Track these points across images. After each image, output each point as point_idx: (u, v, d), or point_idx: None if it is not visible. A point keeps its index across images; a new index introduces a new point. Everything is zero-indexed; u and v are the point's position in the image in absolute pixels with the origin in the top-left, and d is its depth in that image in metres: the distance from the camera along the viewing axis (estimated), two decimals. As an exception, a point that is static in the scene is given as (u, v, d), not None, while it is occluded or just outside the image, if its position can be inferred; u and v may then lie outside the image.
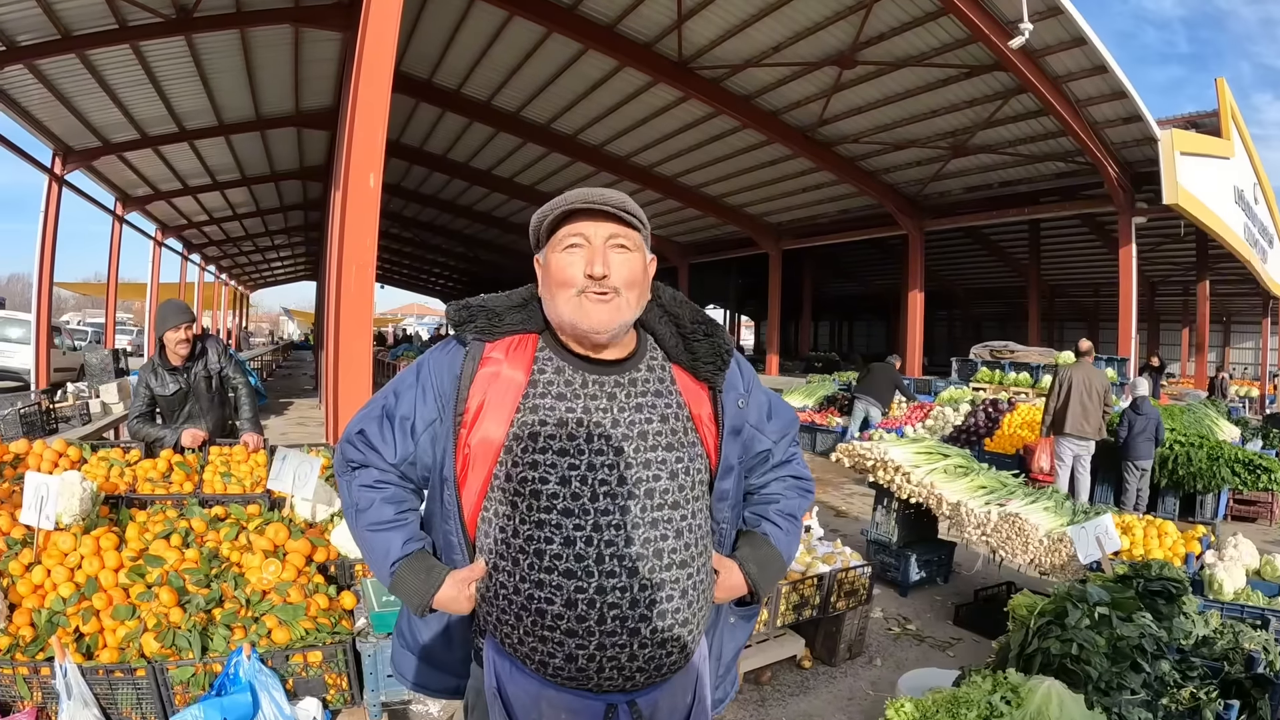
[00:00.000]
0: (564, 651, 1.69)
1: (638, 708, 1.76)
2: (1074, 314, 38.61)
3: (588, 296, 1.73)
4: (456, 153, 23.89)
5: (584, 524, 1.69)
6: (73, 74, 13.31)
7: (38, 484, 3.74)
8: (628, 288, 1.76)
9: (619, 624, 1.69)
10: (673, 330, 1.93)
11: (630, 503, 1.72)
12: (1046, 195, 19.38)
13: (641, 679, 1.74)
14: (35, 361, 15.80)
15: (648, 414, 1.80)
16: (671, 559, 1.75)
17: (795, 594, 4.91)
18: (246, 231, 32.12)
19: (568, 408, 1.76)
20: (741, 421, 1.96)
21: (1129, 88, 13.74)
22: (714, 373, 1.90)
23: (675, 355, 1.91)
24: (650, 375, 1.86)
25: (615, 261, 1.74)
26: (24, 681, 3.19)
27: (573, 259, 1.74)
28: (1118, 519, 6.05)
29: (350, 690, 3.52)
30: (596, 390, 1.79)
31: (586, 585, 1.68)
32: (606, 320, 1.74)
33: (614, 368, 1.83)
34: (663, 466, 1.77)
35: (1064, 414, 9.19)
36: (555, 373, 1.80)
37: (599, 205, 1.72)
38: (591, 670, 1.70)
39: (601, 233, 1.74)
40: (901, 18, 13.54)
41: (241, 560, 4.07)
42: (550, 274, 1.78)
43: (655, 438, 1.78)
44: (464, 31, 16.04)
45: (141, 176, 20.09)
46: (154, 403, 5.62)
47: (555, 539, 1.69)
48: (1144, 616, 3.40)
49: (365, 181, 6.03)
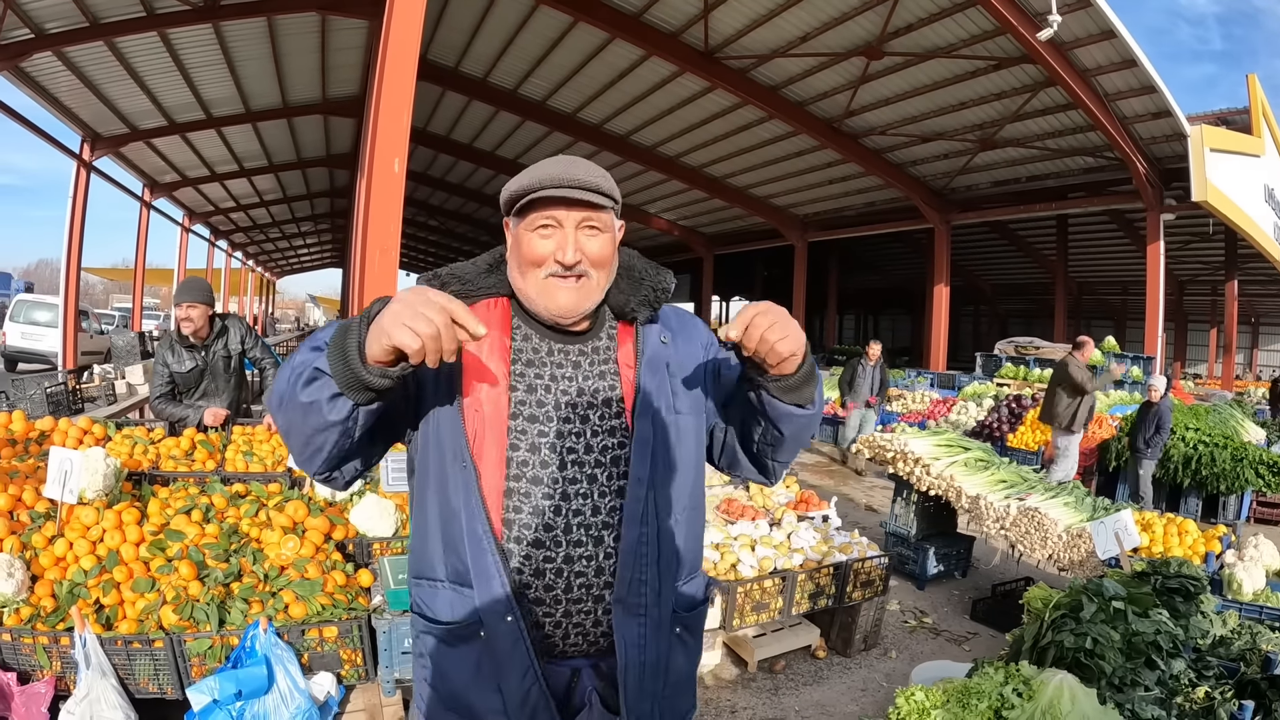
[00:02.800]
0: (531, 619, 1.68)
1: (602, 669, 1.75)
2: (1101, 312, 38.25)
3: (556, 279, 1.72)
4: (483, 141, 23.92)
5: (552, 493, 1.69)
6: (101, 61, 13.41)
7: (62, 459, 3.77)
8: (597, 268, 1.74)
9: (585, 592, 1.70)
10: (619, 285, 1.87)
11: (597, 470, 1.73)
12: (1074, 190, 19.22)
13: (605, 644, 1.74)
14: (63, 344, 15.96)
15: (610, 381, 1.80)
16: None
17: (811, 583, 4.91)
18: (273, 218, 32.29)
19: (535, 374, 1.76)
20: (666, 356, 1.86)
21: (1159, 82, 13.59)
22: (639, 307, 1.85)
23: (615, 306, 1.88)
24: (611, 344, 1.85)
25: (586, 245, 1.72)
26: (44, 651, 3.24)
27: (544, 242, 1.71)
28: (1138, 516, 6.01)
29: (365, 666, 3.56)
30: (562, 359, 1.79)
31: (554, 555, 1.68)
32: (574, 305, 1.74)
33: (579, 338, 1.82)
34: (626, 433, 1.76)
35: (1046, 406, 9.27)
36: (523, 340, 1.79)
37: (572, 195, 1.68)
38: (557, 638, 1.71)
39: (574, 217, 1.71)
40: (929, 8, 13.44)
41: (261, 536, 4.11)
42: (520, 251, 1.75)
43: (618, 404, 1.78)
44: (491, 20, 16.05)
45: (169, 163, 20.22)
46: (174, 380, 5.67)
47: (524, 508, 1.69)
48: (1160, 613, 3.38)
49: (390, 167, 6.06)
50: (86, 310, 21.52)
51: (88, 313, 21.68)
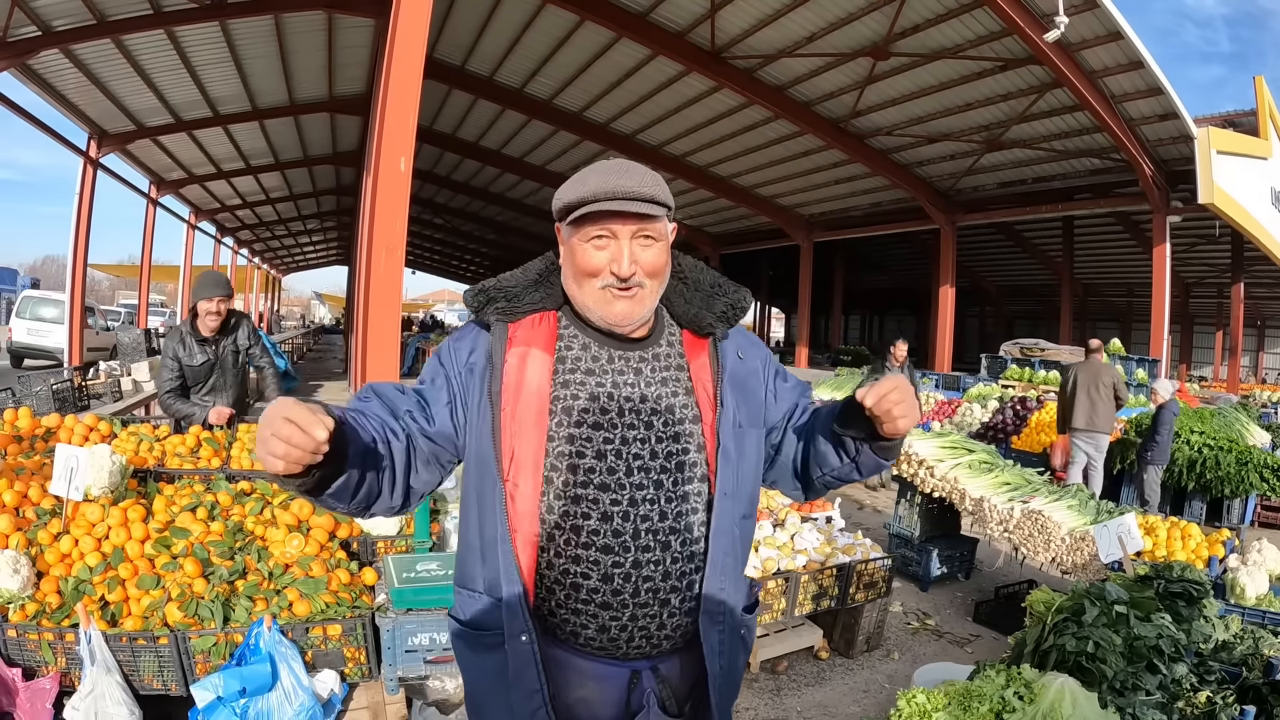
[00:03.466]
0: (597, 623, 1.71)
1: (660, 672, 1.79)
2: (1107, 314, 38.19)
3: (612, 290, 1.72)
4: (488, 139, 23.96)
5: (620, 499, 1.70)
6: (107, 58, 13.45)
7: (67, 456, 3.79)
8: (651, 277, 1.74)
9: (652, 596, 1.72)
10: (686, 296, 1.91)
11: (663, 476, 1.74)
12: (1080, 192, 19.20)
13: (667, 645, 1.78)
14: (69, 340, 16.02)
15: (673, 388, 1.81)
16: (702, 531, 1.77)
17: (814, 584, 4.91)
18: (279, 216, 32.36)
19: (597, 383, 1.76)
20: (742, 373, 1.91)
21: (1165, 84, 13.58)
22: (715, 323, 1.88)
23: (683, 317, 1.90)
24: (671, 350, 1.86)
25: (641, 256, 1.72)
26: (49, 647, 3.26)
27: (598, 254, 1.71)
28: (1141, 520, 6.00)
29: (368, 664, 3.57)
30: (623, 365, 1.79)
31: (623, 560, 1.70)
32: (630, 314, 1.74)
33: (638, 344, 1.83)
34: (690, 440, 1.78)
35: (1071, 410, 9.15)
36: (581, 349, 1.80)
37: (629, 208, 1.67)
38: (622, 640, 1.73)
39: (629, 228, 1.70)
40: (936, 9, 13.45)
41: (265, 534, 4.13)
42: (574, 260, 1.75)
43: (682, 410, 1.79)
44: (497, 18, 16.08)
45: (175, 160, 20.28)
46: (183, 374, 5.69)
47: (592, 514, 1.70)
48: (1163, 617, 3.38)
49: (396, 165, 6.07)
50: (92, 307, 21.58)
51: (94, 309, 21.74)
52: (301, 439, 1.39)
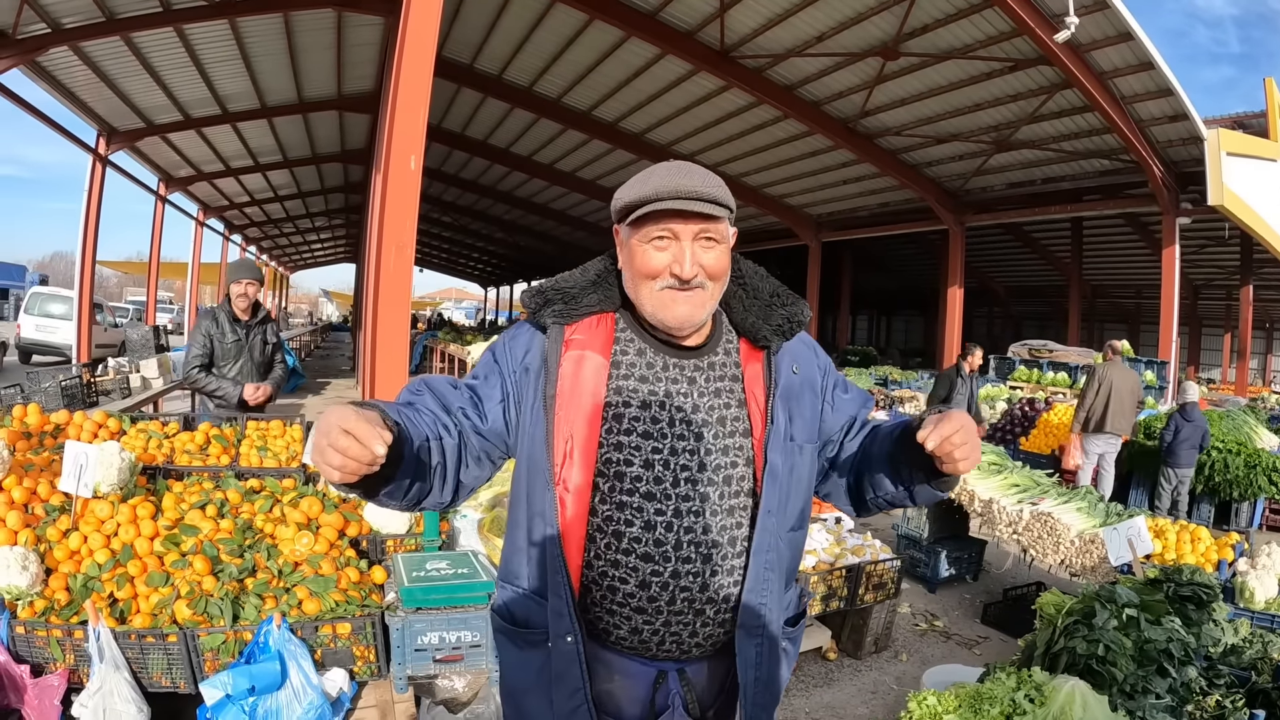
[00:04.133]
0: (629, 625, 1.73)
1: (686, 675, 1.80)
2: (1115, 315, 38.07)
3: (671, 292, 1.71)
4: (497, 138, 23.92)
5: (665, 509, 1.71)
6: (117, 56, 13.45)
7: (76, 453, 3.80)
8: (713, 280, 1.73)
9: (687, 605, 1.73)
10: (745, 304, 1.89)
11: (709, 489, 1.73)
12: (1090, 193, 19.11)
13: (697, 652, 1.79)
14: (77, 336, 16.04)
15: (726, 399, 1.80)
16: (744, 546, 1.77)
17: (823, 585, 4.91)
18: (287, 213, 32.38)
19: (650, 390, 1.76)
20: (797, 386, 1.88)
21: (1176, 85, 13.51)
22: (772, 335, 1.86)
23: (741, 325, 1.88)
24: (727, 360, 1.85)
25: (703, 258, 1.70)
26: (58, 644, 3.27)
27: (660, 254, 1.70)
28: (1151, 523, 5.98)
29: (377, 663, 3.57)
30: (677, 374, 1.78)
31: (662, 569, 1.70)
32: (690, 316, 1.73)
33: (693, 352, 1.82)
34: (740, 453, 1.78)
35: (1104, 411, 9.10)
36: (637, 354, 1.79)
37: (690, 208, 1.65)
38: (653, 643, 1.75)
39: (690, 229, 1.68)
40: (946, 9, 13.39)
41: (275, 532, 4.14)
42: (634, 262, 1.74)
43: (733, 423, 1.78)
44: (506, 17, 16.06)
45: (184, 157, 20.29)
46: (212, 352, 5.89)
47: (636, 522, 1.71)
48: (1172, 621, 3.37)
49: (406, 164, 6.07)
50: (101, 303, 21.65)
51: (102, 306, 21.81)
52: (359, 452, 1.38)
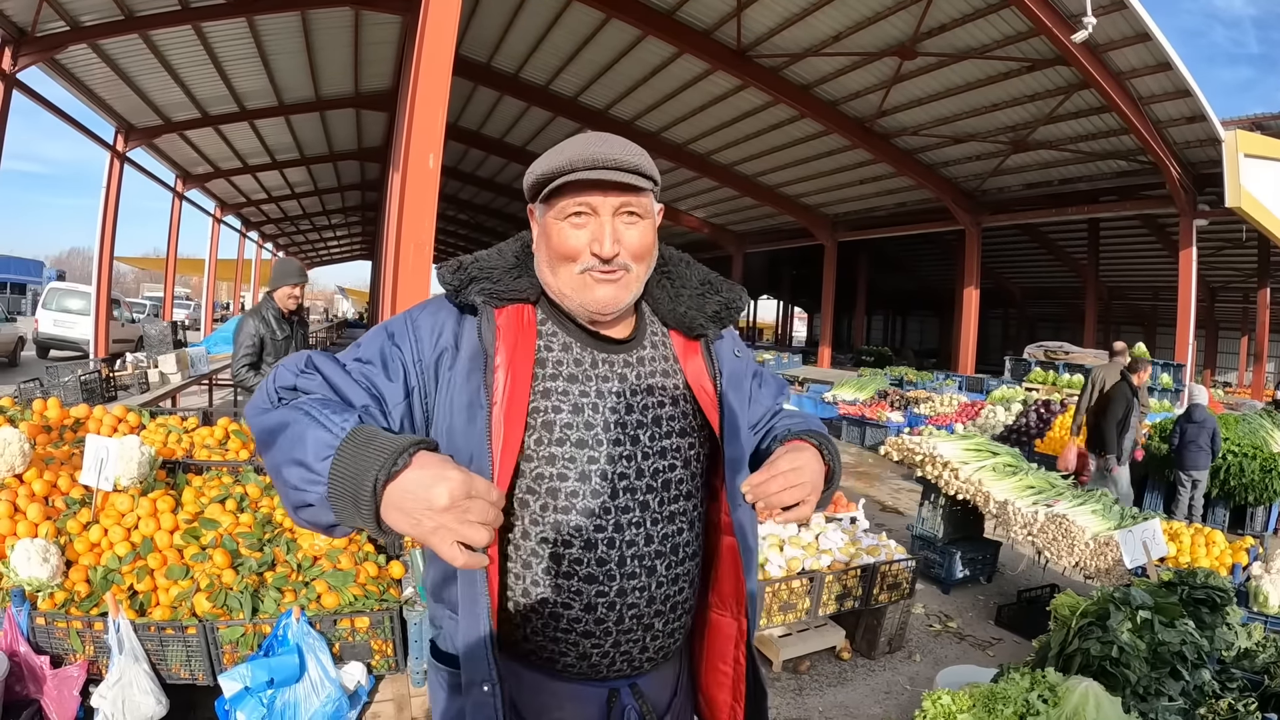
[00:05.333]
0: (577, 651, 1.57)
1: (639, 688, 1.66)
2: (1131, 317, 37.85)
3: (593, 274, 1.53)
4: (513, 136, 24.00)
5: (605, 524, 1.54)
6: (135, 53, 13.59)
7: (97, 447, 3.83)
8: (637, 260, 1.56)
9: (636, 622, 1.59)
10: (673, 294, 1.73)
11: (649, 497, 1.58)
12: (1106, 194, 19.06)
13: (649, 666, 1.66)
14: (95, 332, 16.19)
15: (659, 397, 1.63)
16: (685, 552, 1.64)
17: (838, 584, 4.91)
18: (304, 210, 32.55)
19: (581, 391, 1.57)
20: (739, 373, 1.76)
21: (1193, 86, 13.47)
22: (707, 324, 1.70)
23: (669, 317, 1.72)
24: (655, 354, 1.68)
25: (625, 235, 1.53)
26: (77, 635, 3.30)
27: (577, 232, 1.52)
28: (1166, 526, 5.97)
29: (395, 657, 3.60)
30: (607, 371, 1.60)
31: (608, 589, 1.55)
32: (614, 298, 1.56)
33: (622, 346, 1.64)
34: (677, 455, 1.62)
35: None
36: (562, 350, 1.60)
37: (609, 177, 1.48)
38: (603, 665, 1.60)
39: (611, 202, 1.51)
40: (963, 9, 13.38)
41: (294, 526, 4.16)
42: (550, 243, 1.55)
43: (669, 423, 1.62)
44: (523, 16, 16.12)
45: (202, 155, 20.46)
46: (261, 351, 6.03)
47: (575, 542, 1.53)
48: (1186, 624, 3.36)
49: (425, 162, 6.12)
50: (118, 299, 21.77)
51: (119, 301, 21.93)
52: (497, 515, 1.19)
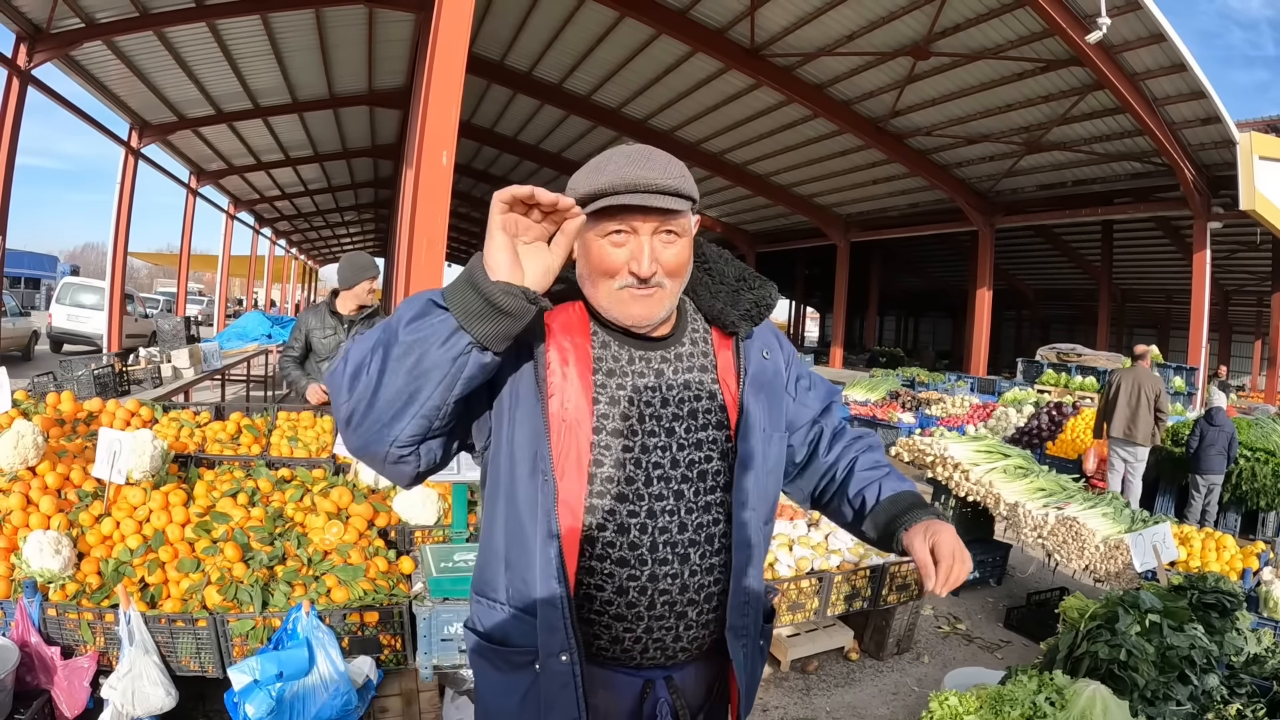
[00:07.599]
0: (609, 634, 1.62)
1: (674, 682, 1.69)
2: (1144, 320, 37.66)
3: (630, 291, 1.58)
4: (527, 134, 24.04)
5: (638, 510, 1.59)
6: (150, 51, 13.64)
7: (110, 440, 3.85)
8: (672, 277, 1.60)
9: (668, 609, 1.61)
10: (712, 290, 1.79)
11: (684, 487, 1.62)
12: (1120, 196, 18.98)
13: (683, 656, 1.68)
14: (108, 326, 16.29)
15: (695, 390, 1.68)
16: (723, 543, 1.66)
17: (847, 584, 4.91)
18: (317, 207, 32.62)
19: (618, 384, 1.62)
20: (766, 376, 1.78)
21: (1208, 87, 13.41)
22: (740, 321, 1.75)
23: (709, 313, 1.78)
24: (694, 349, 1.73)
25: (662, 254, 1.57)
26: (88, 626, 3.32)
27: (617, 250, 1.57)
28: (1176, 530, 5.94)
29: (404, 651, 3.60)
30: (644, 367, 1.66)
31: (639, 573, 1.59)
32: (648, 315, 1.61)
33: (659, 343, 1.69)
34: (714, 447, 1.66)
35: (1110, 418, 9.01)
36: (601, 347, 1.65)
37: (651, 202, 1.52)
38: (635, 651, 1.63)
39: (650, 225, 1.56)
40: (977, 9, 13.36)
41: (305, 521, 4.18)
42: (590, 259, 1.60)
43: (705, 415, 1.67)
44: (537, 14, 16.14)
45: (216, 151, 20.52)
46: (308, 348, 5.89)
47: (609, 526, 1.58)
48: (1195, 628, 3.35)
49: (438, 159, 6.13)
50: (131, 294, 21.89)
51: (133, 296, 22.06)
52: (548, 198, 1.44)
